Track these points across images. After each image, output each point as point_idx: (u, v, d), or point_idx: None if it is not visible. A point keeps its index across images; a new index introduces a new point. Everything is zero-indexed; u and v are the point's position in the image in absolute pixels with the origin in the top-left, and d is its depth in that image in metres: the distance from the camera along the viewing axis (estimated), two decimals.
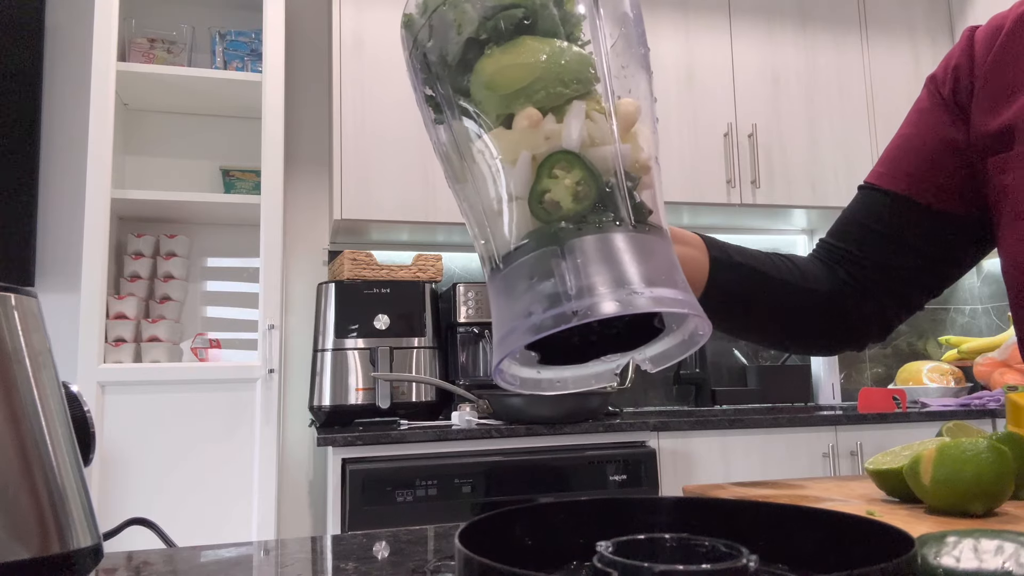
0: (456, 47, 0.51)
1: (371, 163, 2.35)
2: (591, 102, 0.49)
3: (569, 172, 0.47)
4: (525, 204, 0.48)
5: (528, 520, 0.41)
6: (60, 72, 2.50)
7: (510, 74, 0.49)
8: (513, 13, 0.50)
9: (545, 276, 0.46)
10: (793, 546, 0.37)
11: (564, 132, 0.48)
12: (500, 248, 0.50)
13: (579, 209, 0.47)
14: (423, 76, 0.55)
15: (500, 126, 0.50)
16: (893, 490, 0.69)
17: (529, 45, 0.50)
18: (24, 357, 0.47)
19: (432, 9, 0.53)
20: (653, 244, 0.48)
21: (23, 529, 0.43)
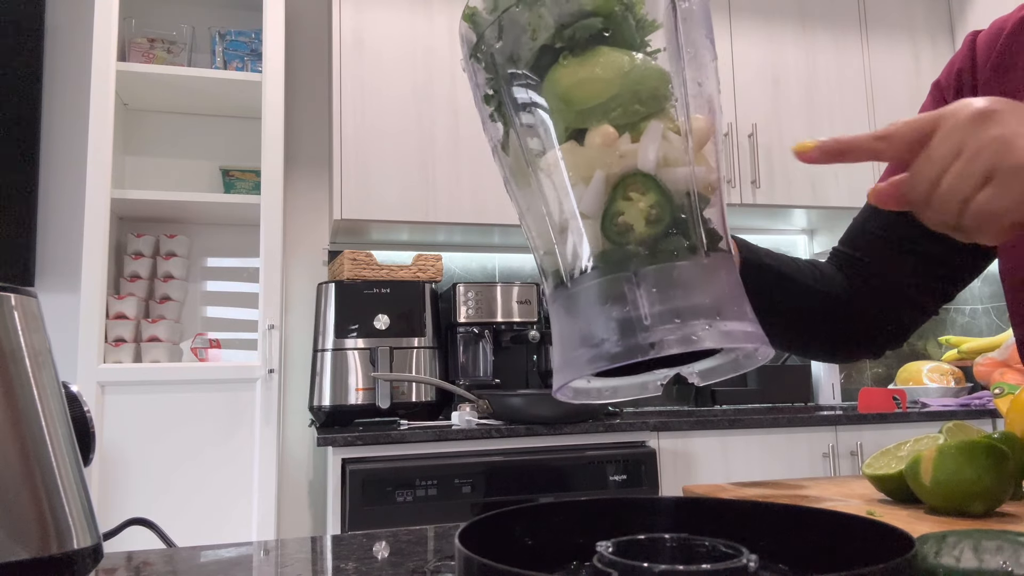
0: (528, 52, 0.50)
1: (371, 163, 2.35)
2: (666, 120, 0.48)
3: (644, 195, 0.46)
4: (596, 224, 0.47)
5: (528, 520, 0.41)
6: (60, 72, 2.50)
7: (587, 89, 0.48)
8: (592, 23, 0.48)
9: (618, 302, 0.45)
10: (793, 546, 0.37)
11: (640, 153, 0.46)
12: (567, 265, 0.48)
13: (653, 233, 0.46)
14: (487, 76, 0.53)
15: (570, 139, 0.48)
16: (891, 493, 0.69)
17: (607, 58, 0.48)
18: (24, 357, 0.47)
19: (504, 8, 0.51)
20: (723, 272, 0.47)
21: (23, 529, 0.43)
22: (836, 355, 0.86)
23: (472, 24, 0.53)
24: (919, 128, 0.51)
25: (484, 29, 0.52)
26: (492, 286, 2.41)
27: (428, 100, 2.41)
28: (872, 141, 0.52)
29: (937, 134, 0.50)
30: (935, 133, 0.50)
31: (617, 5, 0.49)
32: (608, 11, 0.48)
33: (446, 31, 2.46)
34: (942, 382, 2.64)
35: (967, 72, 0.80)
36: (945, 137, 0.50)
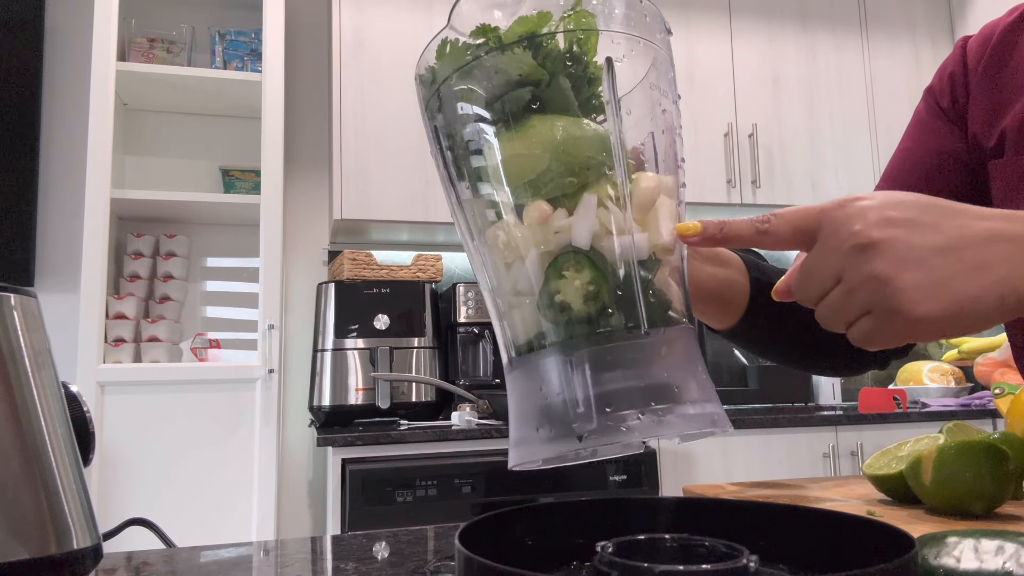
0: (462, 125, 0.49)
1: (371, 163, 2.35)
2: (606, 186, 0.46)
3: (579, 273, 0.45)
4: (534, 303, 0.46)
5: (528, 520, 0.41)
6: (60, 72, 2.50)
7: (517, 165, 0.46)
8: (520, 95, 0.47)
9: (555, 386, 0.44)
10: (793, 546, 0.37)
11: (574, 229, 0.45)
12: (514, 339, 0.48)
13: (590, 311, 0.45)
14: (435, 143, 0.52)
15: (512, 213, 0.47)
16: (892, 493, 0.69)
17: (536, 131, 0.46)
18: (24, 357, 0.47)
19: (440, 80, 0.50)
20: (669, 349, 0.45)
21: (23, 529, 0.43)
22: (846, 370, 0.85)
23: (420, 86, 0.53)
24: (799, 227, 0.48)
25: (428, 98, 0.51)
26: None
27: None
28: (754, 233, 0.49)
29: (817, 246, 0.48)
30: (817, 235, 0.48)
31: (547, 71, 0.47)
32: (538, 78, 0.47)
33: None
34: (942, 382, 2.64)
35: (959, 75, 0.80)
36: (824, 258, 0.47)
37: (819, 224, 0.47)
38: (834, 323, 0.49)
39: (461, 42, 0.49)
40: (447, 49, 0.49)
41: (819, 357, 0.83)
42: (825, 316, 0.49)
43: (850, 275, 0.46)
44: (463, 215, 0.51)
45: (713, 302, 0.73)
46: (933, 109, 0.82)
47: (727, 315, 0.75)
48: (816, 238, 0.48)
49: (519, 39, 0.47)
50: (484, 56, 0.47)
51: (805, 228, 0.48)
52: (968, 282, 0.44)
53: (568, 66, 0.47)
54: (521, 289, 0.47)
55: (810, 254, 0.48)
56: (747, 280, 0.74)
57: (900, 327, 0.45)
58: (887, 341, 0.47)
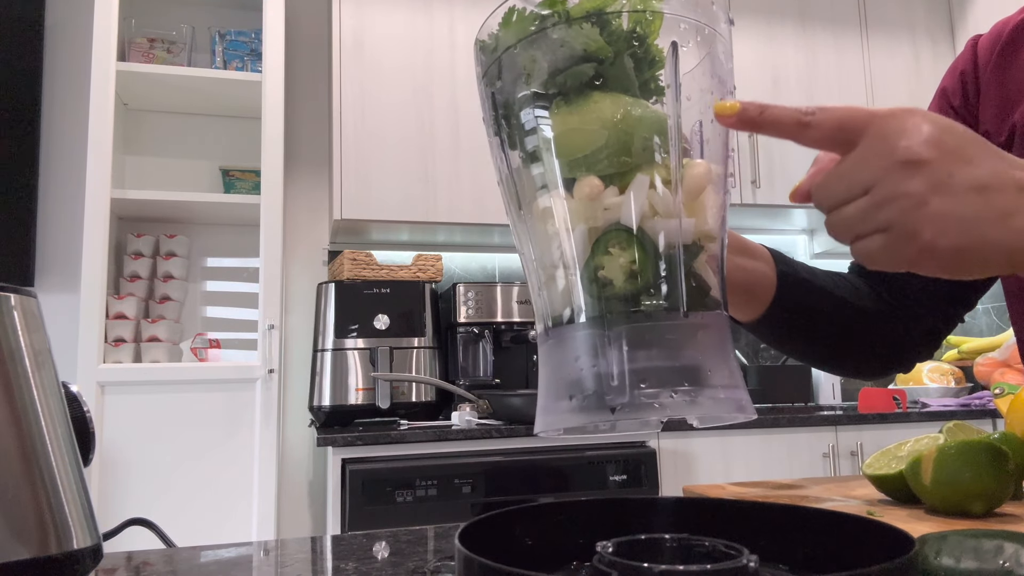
0: (523, 96, 0.49)
1: (371, 163, 2.35)
2: (659, 168, 0.46)
3: (624, 251, 0.45)
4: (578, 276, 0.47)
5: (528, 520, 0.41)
6: (60, 72, 2.50)
7: (573, 140, 0.47)
8: (583, 69, 0.47)
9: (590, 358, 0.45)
10: (793, 546, 0.37)
11: (623, 207, 0.46)
12: (551, 311, 0.48)
13: (632, 289, 0.45)
14: (491, 111, 0.52)
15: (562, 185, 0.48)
16: (892, 493, 0.69)
17: (596, 107, 0.47)
18: (24, 357, 0.47)
19: (503, 49, 0.50)
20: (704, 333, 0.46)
21: (23, 529, 0.43)
22: (869, 371, 0.84)
23: (481, 53, 0.53)
24: (844, 126, 0.46)
25: (488, 66, 0.51)
26: (492, 286, 2.41)
27: (428, 100, 2.41)
28: (795, 124, 0.48)
29: (858, 150, 0.46)
30: (860, 139, 0.46)
31: (612, 49, 0.47)
32: (603, 55, 0.47)
33: (446, 31, 2.46)
34: (942, 382, 2.64)
35: (969, 73, 0.81)
36: (861, 164, 0.46)
37: (866, 128, 0.46)
38: (844, 233, 0.47)
39: (528, 11, 0.48)
40: (513, 17, 0.49)
41: (844, 356, 0.82)
42: (837, 224, 0.48)
43: (884, 188, 0.45)
44: (512, 184, 0.51)
45: (739, 293, 0.72)
46: (945, 110, 0.83)
47: (752, 307, 0.74)
48: (858, 142, 0.46)
49: (587, 14, 0.47)
50: (550, 28, 0.47)
51: (850, 128, 0.46)
52: (989, 227, 0.44)
53: (632, 46, 0.47)
54: (566, 261, 0.47)
55: (847, 157, 0.47)
56: (774, 273, 0.74)
57: (912, 253, 0.45)
58: (891, 263, 0.46)
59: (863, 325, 0.79)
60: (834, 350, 0.81)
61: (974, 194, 0.44)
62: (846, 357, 0.82)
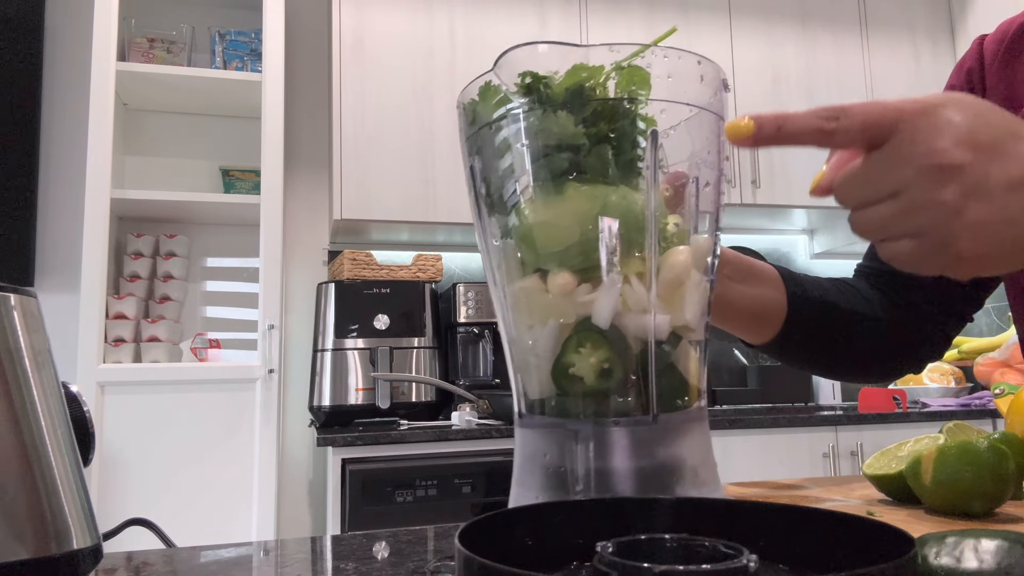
0: (500, 176, 0.47)
1: (371, 163, 2.34)
2: (635, 261, 0.45)
3: (595, 351, 0.44)
4: (546, 367, 0.46)
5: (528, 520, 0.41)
6: (60, 72, 2.50)
7: (547, 233, 0.45)
8: (557, 161, 0.45)
9: (556, 457, 0.44)
10: (793, 546, 0.37)
11: (595, 306, 0.44)
12: (526, 394, 0.48)
13: (602, 388, 0.44)
14: (470, 179, 0.50)
15: (536, 273, 0.46)
16: (892, 493, 0.69)
17: (571, 201, 0.45)
18: (24, 357, 0.47)
19: (481, 124, 0.48)
20: (675, 436, 0.45)
21: (23, 529, 0.43)
22: (883, 376, 0.84)
23: (461, 116, 0.50)
24: (872, 126, 0.43)
25: (467, 136, 0.49)
26: None
27: (428, 100, 2.41)
28: (818, 132, 0.44)
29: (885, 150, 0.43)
30: (889, 138, 0.43)
31: (588, 138, 0.45)
32: (577, 143, 0.45)
33: (446, 31, 2.46)
34: (942, 382, 2.64)
35: (976, 71, 0.81)
36: (889, 166, 0.42)
37: (894, 127, 0.42)
38: (870, 234, 0.45)
39: (504, 90, 0.46)
40: (489, 93, 0.47)
41: (857, 366, 0.82)
42: (862, 223, 0.45)
43: (914, 193, 0.42)
44: (489, 258, 0.50)
45: (747, 320, 0.72)
46: None
47: (762, 331, 0.74)
48: (887, 141, 0.43)
49: (562, 102, 0.45)
50: (526, 112, 0.46)
51: (877, 127, 0.43)
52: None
53: (614, 126, 0.45)
54: (539, 352, 0.46)
55: (872, 156, 0.43)
56: (784, 295, 0.73)
57: (946, 260, 0.42)
58: (923, 268, 0.43)
59: (874, 334, 0.79)
60: (847, 362, 0.81)
61: (1010, 193, 0.41)
62: (859, 367, 0.82)
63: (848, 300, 0.78)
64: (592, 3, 2.59)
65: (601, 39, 2.57)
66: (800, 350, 0.77)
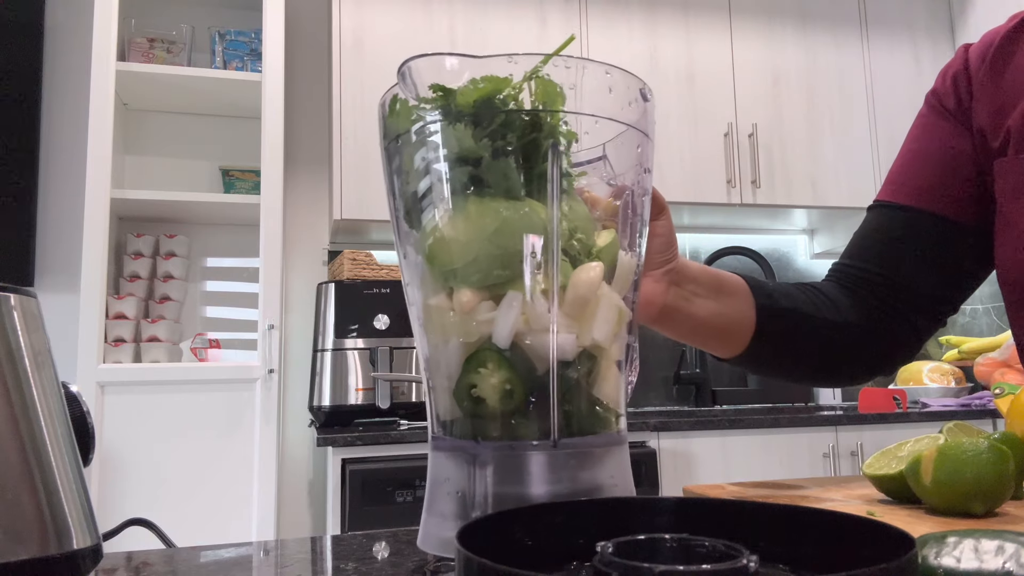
0: (403, 193, 0.47)
1: (371, 163, 2.34)
2: (537, 278, 0.43)
3: (496, 371, 0.43)
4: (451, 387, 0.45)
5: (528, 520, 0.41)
6: (60, 72, 2.50)
7: (446, 250, 0.44)
8: (460, 174, 0.44)
9: (459, 481, 0.44)
10: (793, 546, 0.37)
11: (495, 326, 0.43)
12: (436, 414, 0.47)
13: (504, 409, 0.43)
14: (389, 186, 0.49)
15: (443, 293, 0.45)
16: (892, 493, 0.69)
17: (469, 217, 0.43)
18: (24, 357, 0.47)
19: (391, 137, 0.47)
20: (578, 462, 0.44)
21: (22, 529, 0.43)
22: (854, 380, 0.84)
23: (379, 121, 0.49)
24: None
25: (385, 142, 0.48)
26: None
27: None
28: None
29: None
30: None
31: (492, 149, 0.44)
32: (477, 156, 0.44)
33: (446, 31, 2.46)
34: (942, 382, 2.64)
35: (962, 77, 0.81)
36: None
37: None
38: None
39: (410, 103, 0.46)
40: (396, 107, 0.46)
41: (828, 372, 0.82)
42: None
43: None
44: (405, 272, 0.49)
45: (716, 335, 0.72)
46: (938, 110, 0.82)
47: (731, 346, 0.74)
48: None
49: (470, 114, 0.44)
50: (429, 125, 0.45)
51: None
52: None
53: (527, 138, 0.44)
54: (444, 372, 0.45)
55: None
56: (753, 308, 0.73)
57: None
58: None
59: (845, 341, 0.79)
60: (818, 369, 0.81)
61: None
62: (829, 373, 0.82)
63: (818, 308, 0.78)
64: (592, 3, 2.59)
65: (601, 39, 2.57)
66: (770, 361, 0.77)
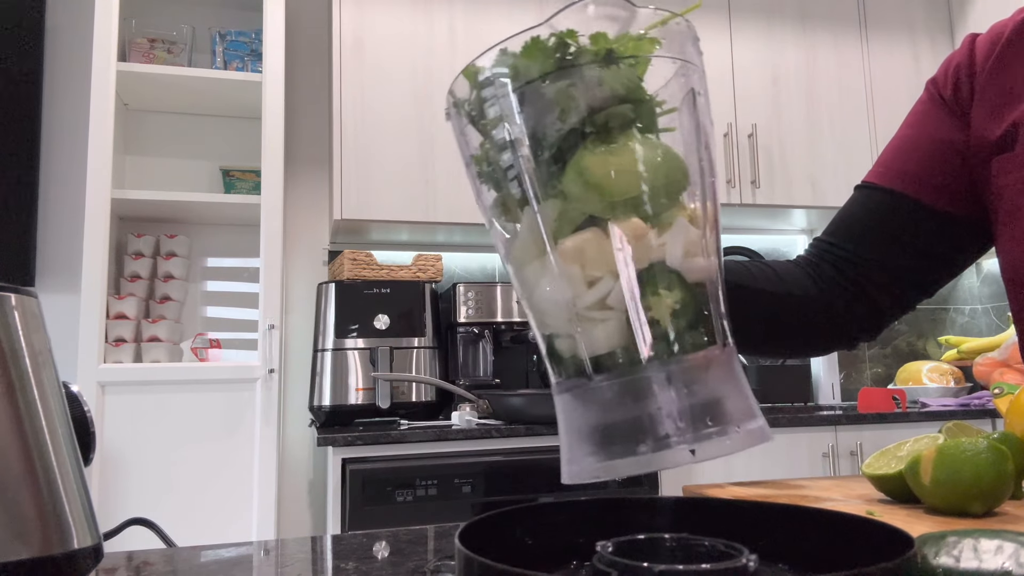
0: (553, 132, 0.47)
1: (371, 163, 2.35)
2: (684, 211, 0.48)
3: (671, 291, 0.46)
4: (623, 317, 0.46)
5: (528, 520, 0.41)
6: (60, 72, 2.50)
7: (620, 181, 0.46)
8: (624, 111, 0.47)
9: (649, 402, 0.45)
10: (793, 546, 0.37)
11: (668, 249, 0.46)
12: (585, 354, 0.47)
13: (679, 328, 0.46)
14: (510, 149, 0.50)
15: (592, 225, 0.47)
16: (891, 493, 0.69)
17: (637, 150, 0.47)
18: (24, 357, 0.47)
19: (526, 80, 0.47)
20: (737, 366, 0.48)
21: (23, 529, 0.43)
22: (805, 351, 0.88)
23: (473, 85, 0.50)
24: None
25: (495, 101, 0.49)
26: (492, 286, 2.41)
27: (428, 100, 2.41)
28: None
29: None
30: None
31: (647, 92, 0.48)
32: (640, 97, 0.47)
33: (446, 31, 2.46)
34: (942, 382, 2.64)
35: (965, 68, 0.81)
36: None
37: None
38: None
39: (552, 41, 0.47)
40: (538, 47, 0.47)
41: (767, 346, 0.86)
42: None
43: None
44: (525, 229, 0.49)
45: None
46: (935, 98, 0.83)
47: None
48: None
49: (621, 56, 0.47)
50: (586, 65, 0.47)
51: None
52: None
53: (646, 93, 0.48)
54: (610, 303, 0.46)
55: None
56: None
57: None
58: None
59: (792, 311, 0.81)
60: (763, 338, 0.83)
61: None
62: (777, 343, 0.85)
63: (756, 280, 0.79)
64: None
65: None
66: None
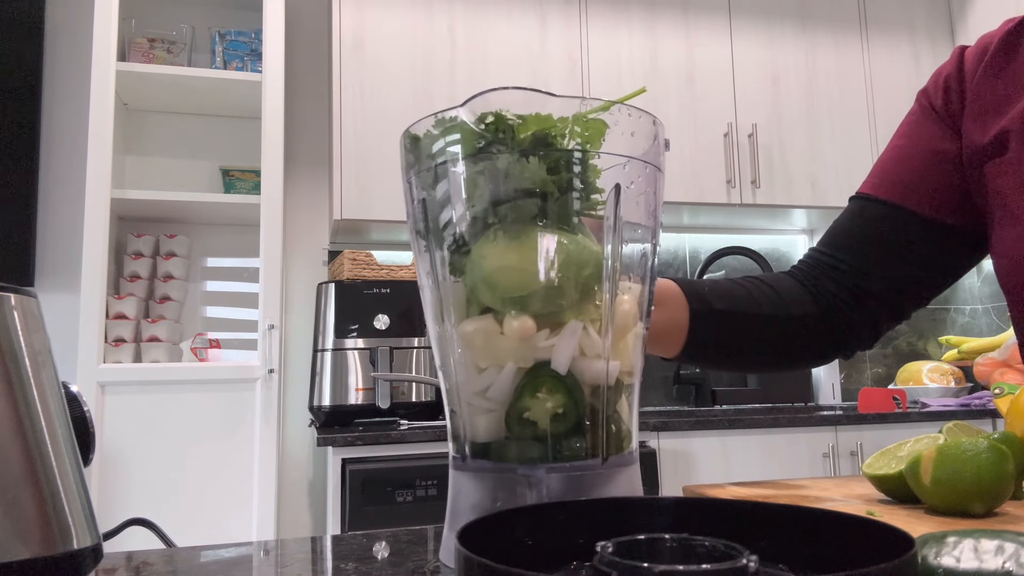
0: (458, 215, 0.47)
1: (371, 163, 2.35)
2: (592, 309, 0.46)
3: (552, 395, 0.45)
4: (501, 413, 0.46)
5: (528, 520, 0.41)
6: (60, 72, 2.50)
7: (511, 278, 0.45)
8: (528, 205, 0.45)
9: (508, 498, 0.45)
10: (793, 546, 0.37)
11: (555, 352, 0.45)
12: (470, 437, 0.47)
13: (556, 432, 0.45)
14: (420, 215, 0.50)
15: (490, 313, 0.46)
16: (892, 493, 0.69)
17: (536, 247, 0.45)
18: (24, 357, 0.47)
19: (440, 160, 0.47)
20: (620, 478, 0.47)
21: (23, 529, 0.43)
22: (803, 365, 0.88)
23: (411, 150, 0.50)
24: None
25: (419, 168, 0.49)
26: None
27: (428, 100, 2.41)
28: None
29: None
30: None
31: (557, 186, 0.45)
32: (548, 191, 0.45)
33: (446, 31, 2.46)
34: (942, 382, 2.64)
35: (954, 79, 0.82)
36: None
37: None
38: None
39: (469, 127, 0.47)
40: (455, 129, 0.47)
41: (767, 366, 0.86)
42: None
43: None
44: (436, 294, 0.49)
45: (651, 341, 0.74)
46: (926, 109, 0.84)
47: (667, 349, 0.78)
48: None
49: (535, 148, 0.45)
50: (496, 155, 0.46)
51: None
52: None
53: (573, 183, 0.46)
54: (491, 396, 0.46)
55: None
56: (686, 314, 0.76)
57: None
58: None
59: (794, 331, 0.81)
60: (765, 361, 0.84)
61: None
62: (778, 363, 0.85)
63: (759, 305, 0.79)
64: (592, 3, 2.59)
65: (601, 40, 2.57)
66: (706, 358, 0.81)
